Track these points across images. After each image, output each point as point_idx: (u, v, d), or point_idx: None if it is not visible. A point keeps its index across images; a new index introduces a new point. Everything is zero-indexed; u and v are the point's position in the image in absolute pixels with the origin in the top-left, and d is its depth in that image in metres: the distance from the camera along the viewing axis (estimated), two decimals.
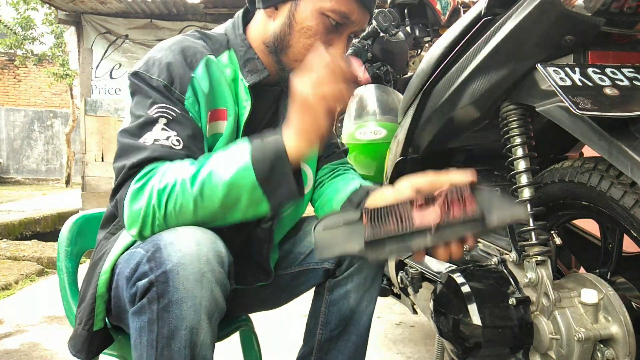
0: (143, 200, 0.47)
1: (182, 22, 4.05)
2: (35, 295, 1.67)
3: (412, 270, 0.84)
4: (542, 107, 0.54)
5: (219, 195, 0.47)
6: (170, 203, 0.46)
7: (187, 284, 0.43)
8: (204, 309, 0.44)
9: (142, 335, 0.45)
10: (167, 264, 0.43)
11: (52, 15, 5.35)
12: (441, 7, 1.13)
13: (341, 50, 0.57)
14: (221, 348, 1.01)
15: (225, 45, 0.59)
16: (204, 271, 0.44)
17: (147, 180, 0.48)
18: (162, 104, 0.52)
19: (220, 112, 0.57)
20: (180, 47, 0.56)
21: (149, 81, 0.53)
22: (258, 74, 0.58)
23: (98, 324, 0.54)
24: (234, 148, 0.49)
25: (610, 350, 0.53)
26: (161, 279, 0.43)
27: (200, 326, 0.44)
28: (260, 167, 0.47)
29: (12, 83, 7.19)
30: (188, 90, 0.53)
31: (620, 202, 0.51)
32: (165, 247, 0.44)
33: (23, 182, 6.64)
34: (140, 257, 0.46)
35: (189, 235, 0.46)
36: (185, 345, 0.44)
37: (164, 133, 0.50)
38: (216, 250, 0.46)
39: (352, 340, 0.69)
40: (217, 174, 0.47)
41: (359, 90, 1.20)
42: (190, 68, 0.54)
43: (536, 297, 0.58)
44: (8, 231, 2.59)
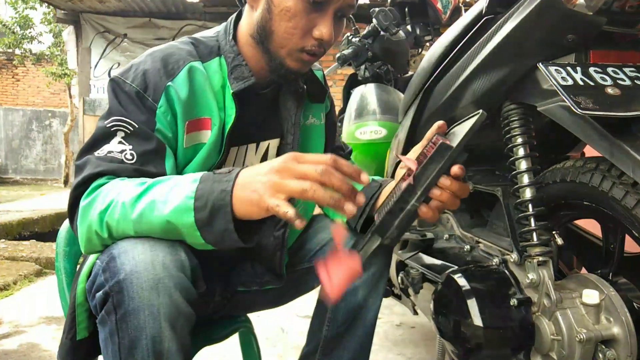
0: (87, 221, 0.46)
1: (181, 20, 4.04)
2: (34, 296, 1.67)
3: (413, 271, 0.84)
4: (544, 106, 0.53)
5: (157, 228, 0.45)
6: (112, 224, 0.45)
7: (142, 293, 0.42)
8: (163, 316, 0.42)
9: (107, 346, 0.44)
10: (120, 273, 0.42)
11: (50, 14, 5.33)
12: (442, 5, 1.13)
13: (327, 28, 0.53)
14: (221, 349, 1.01)
15: (216, 51, 0.58)
16: (160, 277, 0.42)
17: (93, 199, 0.46)
18: (119, 117, 0.50)
19: (203, 122, 0.55)
20: (163, 54, 0.54)
21: (122, 86, 0.52)
22: (244, 81, 0.56)
23: (81, 333, 0.53)
24: (182, 182, 0.45)
25: (611, 351, 0.53)
26: (115, 289, 0.42)
27: (162, 334, 0.43)
28: (200, 214, 0.42)
29: (11, 82, 7.17)
30: (162, 98, 0.52)
31: (622, 202, 0.51)
32: (119, 256, 0.43)
33: (21, 182, 6.62)
34: (97, 268, 0.45)
35: (144, 243, 0.44)
36: (149, 355, 0.43)
37: (120, 146, 0.49)
38: (173, 255, 0.44)
39: (358, 336, 0.69)
40: (157, 207, 0.44)
41: (359, 89, 1.20)
42: (168, 76, 0.53)
43: (537, 298, 0.58)
44: (6, 231, 2.58)
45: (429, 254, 0.86)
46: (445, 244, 0.87)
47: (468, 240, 0.82)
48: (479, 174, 0.80)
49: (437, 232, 0.88)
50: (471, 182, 0.78)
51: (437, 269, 0.80)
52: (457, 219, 0.85)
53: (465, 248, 0.81)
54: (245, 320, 0.77)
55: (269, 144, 0.65)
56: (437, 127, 0.49)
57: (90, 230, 0.46)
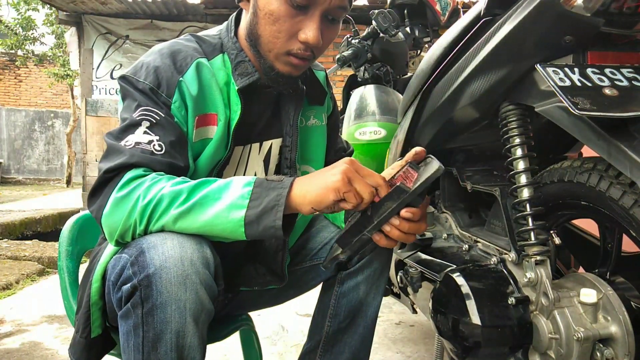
0: (125, 212, 0.46)
1: (183, 22, 4.05)
2: (36, 295, 1.67)
3: (412, 270, 0.85)
4: (542, 107, 0.54)
5: (200, 223, 0.46)
6: (155, 217, 0.46)
7: (171, 287, 0.43)
8: (189, 312, 0.43)
9: (129, 340, 0.45)
10: (150, 267, 0.43)
11: (52, 15, 5.36)
12: (441, 7, 1.13)
13: (313, 30, 0.52)
14: (221, 347, 1.02)
15: (219, 48, 0.58)
16: (188, 273, 0.43)
17: (130, 192, 0.46)
18: (146, 107, 0.51)
19: (210, 117, 0.55)
20: (170, 50, 0.55)
21: (136, 84, 0.52)
22: (248, 77, 0.57)
23: (95, 331, 0.54)
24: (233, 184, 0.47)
25: (609, 349, 0.53)
26: (144, 283, 0.43)
27: (187, 329, 0.44)
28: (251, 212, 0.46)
29: (13, 83, 7.20)
30: (175, 93, 0.52)
31: (620, 202, 0.51)
32: (149, 251, 0.44)
33: (24, 182, 6.65)
34: (125, 261, 0.46)
35: (173, 238, 0.45)
36: (172, 349, 0.43)
37: (146, 137, 0.49)
38: (200, 252, 0.45)
39: (359, 332, 0.70)
40: (210, 203, 0.46)
41: (358, 91, 1.20)
42: (178, 72, 0.53)
43: (535, 297, 0.58)
44: (9, 231, 2.60)
45: (427, 253, 0.86)
46: (443, 243, 0.87)
47: (466, 240, 0.82)
48: (478, 174, 0.80)
49: (436, 232, 0.88)
50: (470, 182, 0.78)
51: (435, 268, 0.80)
52: (456, 218, 0.85)
53: (464, 247, 0.81)
54: (246, 319, 0.78)
55: (272, 143, 0.65)
56: (414, 153, 0.51)
57: (128, 221, 0.46)
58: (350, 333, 0.70)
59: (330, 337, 0.70)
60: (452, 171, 0.83)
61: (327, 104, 0.73)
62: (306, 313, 1.45)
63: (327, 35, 0.55)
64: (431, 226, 0.90)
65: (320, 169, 0.51)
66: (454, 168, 0.83)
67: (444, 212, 0.89)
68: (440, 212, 0.90)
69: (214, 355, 1.12)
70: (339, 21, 0.56)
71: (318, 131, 0.70)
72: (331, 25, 0.55)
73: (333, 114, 0.75)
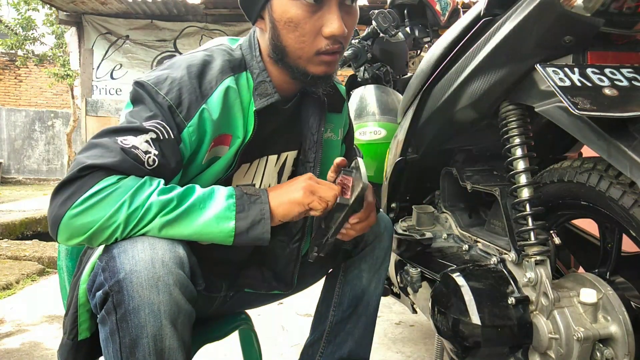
0: (103, 215, 0.44)
1: (183, 22, 4.05)
2: (36, 295, 1.67)
3: (412, 270, 0.85)
4: (541, 107, 0.54)
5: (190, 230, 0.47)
6: (139, 226, 0.45)
7: (142, 291, 0.42)
8: (164, 314, 0.43)
9: (108, 346, 0.44)
10: (120, 272, 0.43)
11: (52, 15, 5.36)
12: (441, 7, 1.13)
13: (335, 21, 0.51)
14: (221, 347, 1.01)
15: (243, 65, 0.57)
16: (159, 275, 0.43)
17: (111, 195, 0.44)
18: (160, 122, 0.49)
19: (225, 138, 0.55)
20: (199, 70, 0.52)
21: (155, 96, 0.50)
22: (267, 98, 0.56)
23: (83, 334, 0.53)
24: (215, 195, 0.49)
25: (609, 349, 0.53)
26: (115, 288, 0.43)
27: (164, 332, 0.43)
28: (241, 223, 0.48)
29: (13, 83, 7.19)
30: (194, 117, 0.51)
31: (619, 202, 0.51)
32: (119, 256, 0.44)
33: (24, 182, 6.65)
34: (97, 267, 0.45)
35: (144, 241, 0.44)
36: (150, 353, 0.43)
37: (146, 146, 0.47)
38: (173, 252, 0.45)
39: (362, 321, 0.71)
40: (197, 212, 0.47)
41: (358, 91, 1.20)
42: (203, 96, 0.52)
43: (535, 297, 0.58)
44: (9, 231, 2.60)
45: (427, 253, 0.86)
46: (443, 243, 0.87)
47: (466, 240, 0.82)
48: (478, 174, 0.80)
49: (436, 232, 0.88)
50: (469, 182, 0.78)
51: (435, 268, 0.80)
52: (456, 218, 0.85)
53: (464, 247, 0.81)
54: (245, 318, 0.78)
55: (287, 155, 0.66)
56: (335, 165, 0.57)
57: (106, 225, 0.44)
58: (352, 322, 0.71)
59: (334, 326, 0.71)
60: (452, 171, 0.83)
61: (344, 117, 0.73)
62: (306, 313, 1.45)
63: (349, 22, 0.54)
64: (431, 226, 0.90)
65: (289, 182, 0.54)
66: (454, 168, 0.83)
67: (444, 212, 0.89)
68: (440, 212, 0.90)
69: (213, 355, 1.12)
70: (355, 1, 0.55)
71: (333, 145, 0.71)
72: (350, 9, 0.54)
73: (349, 130, 0.76)
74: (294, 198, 0.51)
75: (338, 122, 0.71)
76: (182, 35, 4.07)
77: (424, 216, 0.89)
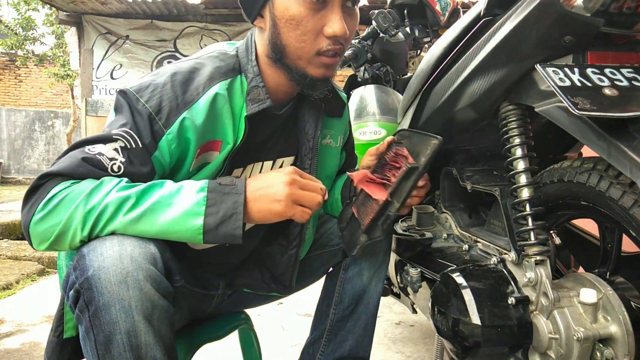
0: (60, 219, 0.44)
1: (183, 22, 4.05)
2: (36, 295, 1.67)
3: (412, 270, 0.85)
4: (541, 107, 0.54)
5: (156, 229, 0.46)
6: (100, 224, 0.44)
7: (111, 287, 0.42)
8: (135, 310, 0.42)
9: (86, 344, 0.44)
10: (89, 269, 0.43)
11: (52, 15, 5.36)
12: (441, 7, 1.13)
13: (337, 22, 0.51)
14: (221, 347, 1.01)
15: (237, 68, 0.57)
16: (128, 270, 0.42)
17: (66, 198, 0.44)
18: (130, 130, 0.49)
19: (214, 144, 0.54)
20: (184, 77, 0.52)
21: (135, 103, 0.50)
22: (259, 104, 0.55)
23: (68, 332, 0.53)
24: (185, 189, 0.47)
25: (609, 349, 0.53)
26: (85, 285, 0.42)
27: (137, 328, 0.42)
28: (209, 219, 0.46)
29: (13, 83, 7.19)
30: (173, 126, 0.50)
31: (619, 202, 0.51)
32: (88, 254, 0.44)
33: (24, 182, 6.65)
34: (70, 267, 0.45)
35: (112, 238, 0.44)
36: (125, 349, 0.43)
37: (112, 153, 0.48)
38: (142, 248, 0.44)
39: (362, 319, 0.71)
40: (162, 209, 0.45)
41: (359, 91, 1.20)
42: (185, 103, 0.51)
43: (535, 297, 0.58)
44: (9, 231, 2.60)
45: (427, 253, 0.86)
46: (443, 243, 0.87)
47: (466, 240, 0.82)
48: (478, 174, 0.80)
49: (436, 232, 0.88)
50: (469, 182, 0.78)
51: (435, 268, 0.80)
52: (456, 218, 0.85)
53: (464, 247, 0.81)
54: (245, 318, 0.78)
55: (284, 161, 0.65)
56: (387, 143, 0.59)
57: (65, 228, 0.44)
58: (353, 320, 0.71)
59: (334, 325, 0.71)
60: (452, 171, 0.83)
61: (345, 126, 0.72)
62: (306, 313, 1.45)
63: (350, 23, 0.54)
64: (431, 226, 0.90)
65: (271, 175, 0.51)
66: (454, 168, 0.83)
67: (444, 212, 0.89)
68: (440, 212, 0.90)
69: (213, 355, 1.12)
70: (356, 3, 0.55)
71: (331, 152, 0.70)
72: (351, 11, 0.54)
73: (349, 137, 0.76)
74: (275, 209, 0.48)
75: (338, 129, 0.70)
76: (182, 35, 4.07)
77: (424, 216, 0.89)
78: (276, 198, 0.48)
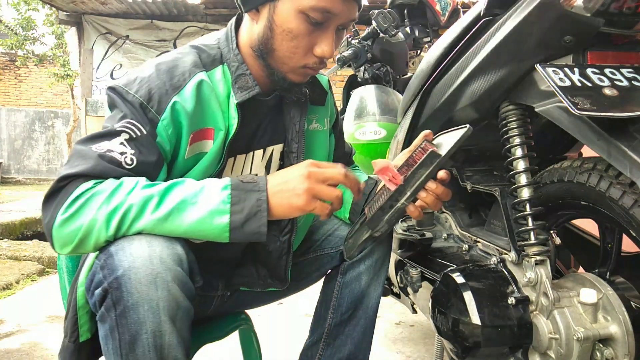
0: (83, 221, 0.44)
1: (183, 22, 4.05)
2: (36, 295, 1.67)
3: (412, 270, 0.85)
4: (541, 107, 0.54)
5: (183, 228, 0.46)
6: (125, 224, 0.45)
7: (141, 287, 0.42)
8: (163, 310, 0.43)
9: (108, 343, 0.45)
10: (118, 269, 0.43)
11: (52, 15, 5.36)
12: (441, 7, 1.13)
13: (329, 45, 0.53)
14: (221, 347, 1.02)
15: (219, 59, 0.57)
16: (158, 271, 0.43)
17: (88, 200, 0.44)
18: (130, 120, 0.49)
19: (207, 132, 0.55)
20: (168, 66, 0.53)
21: (125, 95, 0.51)
22: (248, 91, 0.56)
23: (84, 335, 0.53)
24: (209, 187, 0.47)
25: (609, 349, 0.53)
26: (114, 285, 0.43)
27: (163, 328, 0.43)
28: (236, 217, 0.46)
29: (13, 83, 7.20)
30: (166, 110, 0.51)
31: (619, 202, 0.51)
32: (117, 253, 0.44)
33: (24, 182, 6.65)
34: (95, 266, 0.45)
35: (141, 238, 0.45)
36: (150, 349, 0.43)
37: (120, 147, 0.48)
38: (171, 249, 0.45)
39: (360, 324, 0.71)
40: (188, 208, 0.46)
41: (358, 91, 1.20)
42: (174, 88, 0.52)
43: (535, 297, 0.58)
44: (9, 231, 2.60)
45: (427, 253, 0.86)
46: (443, 243, 0.87)
47: (466, 240, 0.82)
48: (478, 174, 0.80)
49: (436, 232, 0.89)
50: (469, 182, 0.79)
51: (435, 268, 0.80)
52: (456, 218, 0.85)
53: (464, 247, 0.81)
54: (245, 318, 0.78)
55: (273, 149, 0.65)
56: (424, 135, 0.53)
57: (90, 228, 0.45)
58: (352, 325, 0.70)
59: (332, 329, 0.71)
60: (452, 171, 0.83)
61: (330, 110, 0.72)
62: (306, 313, 1.45)
63: (336, 43, 0.57)
64: (431, 226, 0.90)
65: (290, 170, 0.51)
66: (454, 168, 0.83)
67: (443, 212, 0.89)
68: (440, 212, 0.90)
69: (213, 355, 1.12)
70: (347, 27, 0.57)
71: (320, 136, 0.70)
72: (341, 34, 0.57)
73: (337, 121, 0.76)
74: (295, 204, 0.49)
75: (323, 113, 0.70)
76: (182, 35, 4.07)
77: (424, 216, 0.89)
78: (296, 193, 0.49)
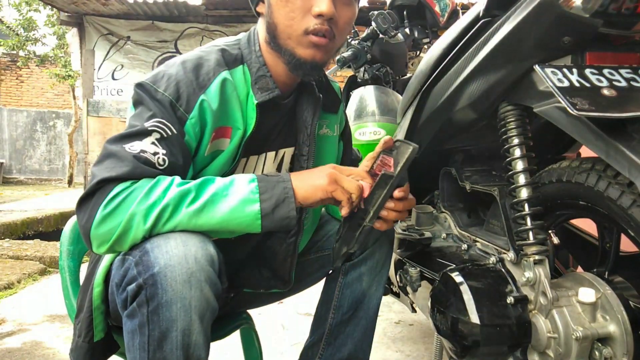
0: (122, 218, 0.45)
1: (184, 23, 4.06)
2: (38, 295, 1.68)
3: (411, 269, 0.85)
4: (540, 107, 0.54)
5: (217, 219, 0.47)
6: (162, 220, 0.45)
7: (176, 285, 0.43)
8: (194, 310, 0.44)
9: (135, 338, 0.45)
10: (154, 266, 0.43)
11: (54, 16, 5.38)
12: (440, 8, 1.14)
13: (325, 3, 0.52)
14: (221, 346, 1.02)
15: (240, 59, 0.58)
16: (193, 271, 0.44)
17: (127, 198, 0.45)
18: (161, 119, 0.50)
19: (225, 130, 0.56)
20: (194, 64, 0.54)
21: (154, 94, 0.51)
22: (268, 92, 0.57)
23: (98, 335, 0.54)
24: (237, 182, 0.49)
25: (608, 349, 0.53)
26: (149, 281, 0.43)
27: (192, 327, 0.44)
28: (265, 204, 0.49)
29: (15, 84, 7.22)
30: (194, 109, 0.52)
31: (618, 201, 0.51)
32: (152, 250, 0.44)
33: (26, 182, 6.66)
34: (129, 262, 0.46)
35: (176, 237, 0.45)
36: (178, 347, 0.44)
37: (152, 147, 0.49)
38: (205, 250, 0.46)
39: (361, 324, 0.71)
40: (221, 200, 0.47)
41: (358, 91, 1.21)
42: (200, 87, 0.53)
43: (534, 296, 0.58)
44: (11, 231, 2.60)
45: (426, 252, 0.86)
46: (442, 242, 0.87)
47: (465, 239, 0.82)
48: (477, 174, 0.80)
49: (435, 231, 0.89)
50: (468, 182, 0.79)
51: (434, 268, 0.80)
52: (455, 218, 0.85)
53: (463, 247, 0.81)
54: (246, 318, 0.78)
55: (285, 152, 0.66)
56: (383, 143, 0.56)
57: (128, 226, 0.45)
58: (352, 325, 0.71)
59: (333, 329, 0.71)
60: (451, 171, 0.84)
61: (340, 115, 0.73)
62: (306, 312, 1.45)
63: (343, 10, 0.55)
64: (430, 226, 0.91)
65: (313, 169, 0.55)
66: (453, 168, 0.83)
67: (443, 211, 0.89)
68: (439, 211, 0.90)
69: (213, 354, 1.12)
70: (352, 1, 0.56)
71: (329, 141, 0.71)
72: (345, 4, 0.55)
73: (346, 127, 0.77)
74: (318, 184, 0.51)
75: (334, 120, 0.71)
76: (183, 36, 4.08)
77: (423, 216, 0.89)
78: (319, 176, 0.52)
